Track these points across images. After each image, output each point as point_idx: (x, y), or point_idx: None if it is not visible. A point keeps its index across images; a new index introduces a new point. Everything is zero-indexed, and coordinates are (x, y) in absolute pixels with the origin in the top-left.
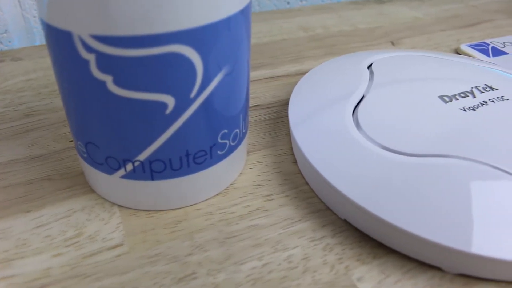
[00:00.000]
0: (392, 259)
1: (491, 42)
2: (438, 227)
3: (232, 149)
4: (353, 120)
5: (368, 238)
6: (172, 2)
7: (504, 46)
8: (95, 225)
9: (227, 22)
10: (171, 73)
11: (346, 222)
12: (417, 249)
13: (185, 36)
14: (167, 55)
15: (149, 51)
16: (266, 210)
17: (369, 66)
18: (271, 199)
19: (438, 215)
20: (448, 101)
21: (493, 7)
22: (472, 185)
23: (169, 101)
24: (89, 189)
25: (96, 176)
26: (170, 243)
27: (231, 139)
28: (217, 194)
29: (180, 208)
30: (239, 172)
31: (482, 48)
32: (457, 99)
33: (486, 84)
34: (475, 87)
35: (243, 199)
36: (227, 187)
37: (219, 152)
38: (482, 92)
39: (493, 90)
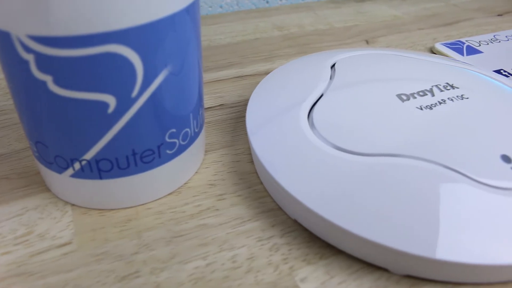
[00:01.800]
0: (339, 260)
1: (466, 41)
2: (384, 229)
3: (183, 149)
4: (309, 120)
5: (317, 239)
6: (106, 2)
7: (480, 45)
8: (47, 223)
9: (169, 21)
10: (109, 73)
11: (296, 222)
12: (363, 251)
13: (121, 36)
14: (104, 55)
15: (85, 51)
16: (217, 209)
17: (333, 65)
18: (224, 199)
19: (384, 216)
20: (405, 100)
21: (474, 6)
22: (421, 186)
23: (110, 100)
24: (45, 188)
25: (48, 175)
26: (118, 242)
27: (180, 138)
28: (170, 193)
29: (131, 207)
30: (194, 171)
31: (457, 47)
32: (415, 98)
33: (447, 83)
34: (436, 85)
35: (195, 199)
36: (181, 186)
37: (168, 152)
38: (442, 91)
39: (454, 88)
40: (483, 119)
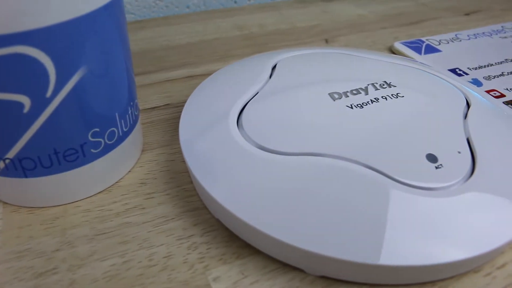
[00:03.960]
0: (256, 259)
1: (427, 39)
2: (298, 230)
3: (110, 148)
4: (239, 120)
5: (236, 238)
6: (11, 3)
7: (439, 44)
8: None
9: (81, 22)
10: (20, 74)
11: (218, 221)
12: (279, 252)
13: (28, 37)
14: (12, 56)
15: None
16: (143, 208)
17: (276, 65)
18: (152, 197)
19: (299, 217)
20: (337, 98)
21: (442, 5)
22: (339, 186)
23: (25, 101)
24: None
25: None
26: (42, 239)
27: (106, 138)
28: (101, 192)
29: (61, 205)
30: (126, 170)
31: (416, 46)
32: (347, 96)
33: (385, 81)
34: (372, 84)
35: (124, 197)
36: (112, 185)
37: (92, 151)
38: (377, 89)
39: (390, 87)
40: (413, 118)
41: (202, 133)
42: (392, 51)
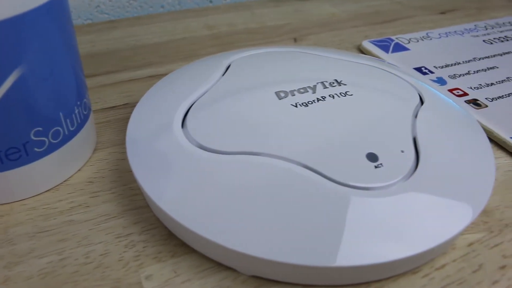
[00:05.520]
0: (191, 258)
1: (396, 38)
2: (229, 230)
3: (55, 147)
4: (184, 120)
5: (174, 237)
6: None
7: (409, 42)
8: None
9: (17, 20)
10: None
11: (159, 220)
12: (211, 251)
13: None
14: None
15: None
16: (88, 206)
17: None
18: (97, 196)
19: (230, 217)
20: (283, 97)
21: (417, 4)
22: (273, 186)
23: None
24: None
25: None
26: None
27: (50, 137)
28: (48, 190)
29: (8, 203)
30: (76, 169)
31: (384, 44)
32: (294, 95)
33: (335, 80)
34: (321, 82)
35: (70, 195)
36: (60, 183)
37: (36, 150)
38: (325, 88)
39: (340, 85)
40: (359, 117)
41: (147, 132)
42: (360, 49)
